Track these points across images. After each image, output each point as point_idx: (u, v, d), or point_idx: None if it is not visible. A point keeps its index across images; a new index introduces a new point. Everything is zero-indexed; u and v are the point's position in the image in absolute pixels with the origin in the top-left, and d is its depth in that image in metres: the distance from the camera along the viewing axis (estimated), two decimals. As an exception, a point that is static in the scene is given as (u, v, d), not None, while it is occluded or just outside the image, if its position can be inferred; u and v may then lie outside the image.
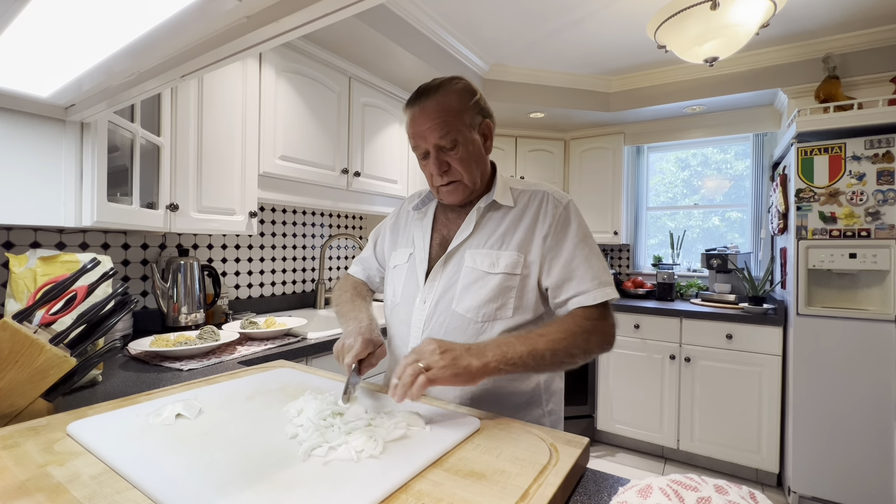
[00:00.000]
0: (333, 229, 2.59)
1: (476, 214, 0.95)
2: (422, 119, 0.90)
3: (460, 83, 0.93)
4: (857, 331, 2.03)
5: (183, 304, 1.65)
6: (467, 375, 0.73)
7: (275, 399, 0.82)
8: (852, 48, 2.31)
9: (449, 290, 0.93)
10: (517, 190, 0.98)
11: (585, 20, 2.19)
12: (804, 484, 2.12)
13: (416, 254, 1.01)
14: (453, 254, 0.95)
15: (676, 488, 0.47)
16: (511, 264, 0.90)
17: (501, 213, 0.95)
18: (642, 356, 2.71)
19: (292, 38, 0.65)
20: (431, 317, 0.93)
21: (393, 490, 0.52)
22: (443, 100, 0.90)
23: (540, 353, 0.78)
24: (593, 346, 0.85)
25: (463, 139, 0.90)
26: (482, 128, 0.95)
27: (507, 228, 0.93)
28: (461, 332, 0.90)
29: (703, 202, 3.32)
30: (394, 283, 1.04)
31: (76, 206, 1.12)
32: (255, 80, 1.72)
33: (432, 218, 1.04)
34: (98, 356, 0.84)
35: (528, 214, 0.93)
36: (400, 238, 1.09)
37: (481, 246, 0.93)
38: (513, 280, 0.90)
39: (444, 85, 0.92)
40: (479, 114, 0.94)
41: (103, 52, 0.75)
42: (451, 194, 0.96)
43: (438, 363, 0.72)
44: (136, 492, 0.52)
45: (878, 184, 2.01)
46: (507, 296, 0.89)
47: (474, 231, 0.95)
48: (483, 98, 0.96)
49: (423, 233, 1.03)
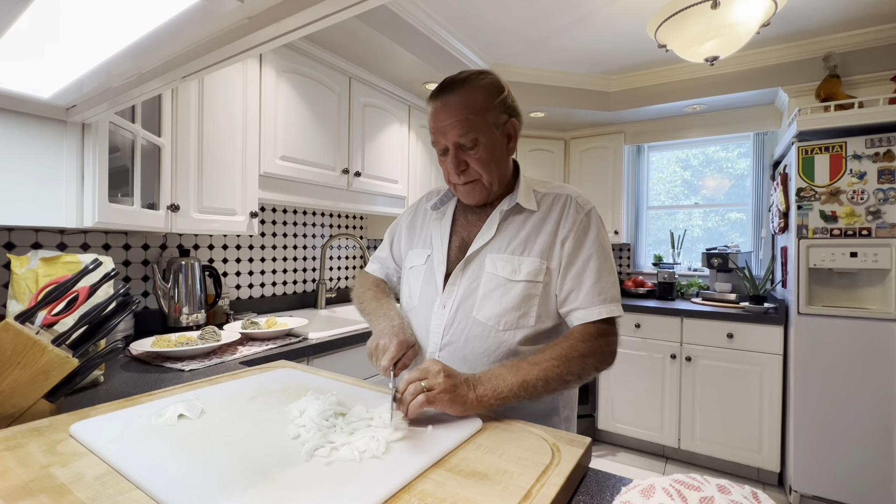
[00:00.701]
0: (334, 229, 2.59)
1: (498, 217, 0.92)
2: (443, 115, 0.87)
3: (487, 78, 0.89)
4: (858, 330, 2.03)
5: (184, 305, 1.65)
6: (462, 405, 0.73)
7: (277, 399, 0.82)
8: (853, 47, 2.30)
9: (470, 297, 0.90)
10: (540, 193, 0.95)
11: (586, 19, 2.19)
12: (805, 483, 2.12)
13: (434, 255, 0.98)
14: (473, 258, 0.92)
15: (679, 488, 0.47)
16: (534, 272, 0.87)
17: (524, 216, 0.93)
18: (643, 355, 2.71)
19: (294, 38, 0.65)
20: (452, 323, 0.91)
21: (396, 490, 0.52)
22: (467, 96, 0.86)
23: (531, 383, 0.77)
24: (589, 368, 0.82)
25: (484, 139, 0.87)
26: (507, 127, 0.91)
27: (529, 233, 0.90)
28: (482, 339, 0.88)
29: (703, 202, 3.32)
30: (410, 284, 1.01)
31: (77, 206, 1.12)
32: (256, 81, 1.72)
33: (451, 219, 1.00)
34: (100, 357, 0.84)
35: (551, 219, 0.90)
36: (417, 237, 1.06)
37: (502, 251, 0.90)
38: (535, 288, 0.87)
39: (469, 79, 0.87)
40: (504, 112, 0.90)
41: (104, 53, 0.75)
42: (470, 194, 0.93)
43: (441, 386, 0.72)
44: (139, 492, 0.52)
45: (878, 182, 2.01)
46: (529, 304, 0.87)
47: (496, 235, 0.92)
48: (511, 95, 0.92)
49: (441, 234, 0.99)
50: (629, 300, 2.92)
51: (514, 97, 0.93)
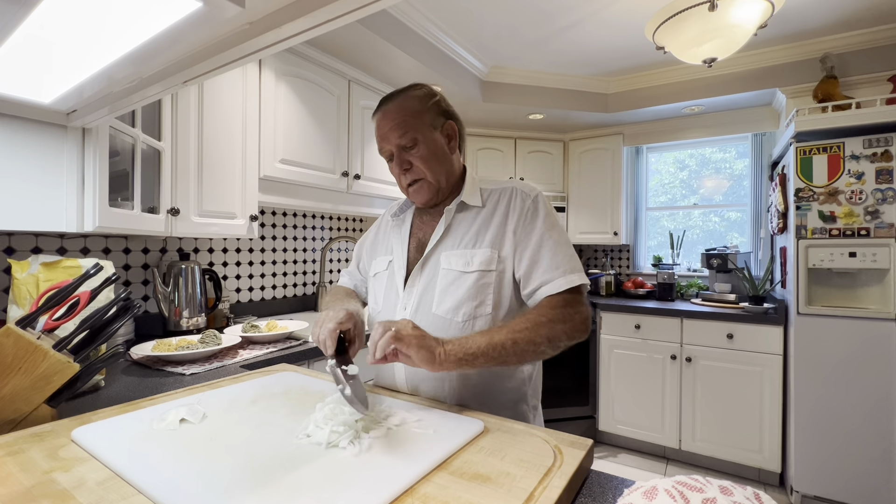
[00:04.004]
0: (334, 232, 2.59)
1: (447, 216, 0.97)
2: (384, 122, 0.95)
3: (420, 89, 0.97)
4: (858, 329, 2.03)
5: (184, 309, 1.65)
6: (429, 352, 0.74)
7: (278, 403, 0.82)
8: (850, 48, 2.31)
9: (427, 294, 0.93)
10: (487, 189, 0.99)
11: (584, 22, 2.20)
12: (806, 483, 2.12)
13: (394, 261, 1.02)
14: (429, 257, 0.96)
15: (682, 489, 0.47)
16: (485, 261, 0.91)
17: (473, 213, 0.97)
18: (643, 356, 2.71)
19: (294, 44, 0.66)
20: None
21: (398, 494, 0.52)
22: (402, 103, 0.94)
23: (500, 343, 0.78)
24: (559, 333, 0.83)
25: (423, 138, 0.93)
26: (445, 128, 0.98)
27: (479, 227, 0.94)
28: (443, 333, 0.89)
29: (702, 202, 3.33)
30: (375, 291, 1.05)
31: (78, 211, 1.12)
32: (255, 85, 1.72)
33: (409, 224, 1.05)
34: (101, 361, 0.84)
35: (499, 211, 0.95)
36: (379, 247, 1.10)
37: (455, 247, 0.94)
38: (488, 277, 0.90)
39: (404, 91, 0.97)
40: (440, 115, 0.97)
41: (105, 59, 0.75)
42: (418, 194, 0.98)
43: (409, 332, 0.74)
44: (141, 497, 0.52)
45: (877, 182, 2.02)
46: (484, 293, 0.90)
47: (447, 232, 0.96)
48: (445, 100, 0.99)
49: (401, 239, 1.03)
50: (629, 301, 2.92)
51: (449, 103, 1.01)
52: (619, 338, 2.80)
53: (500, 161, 3.24)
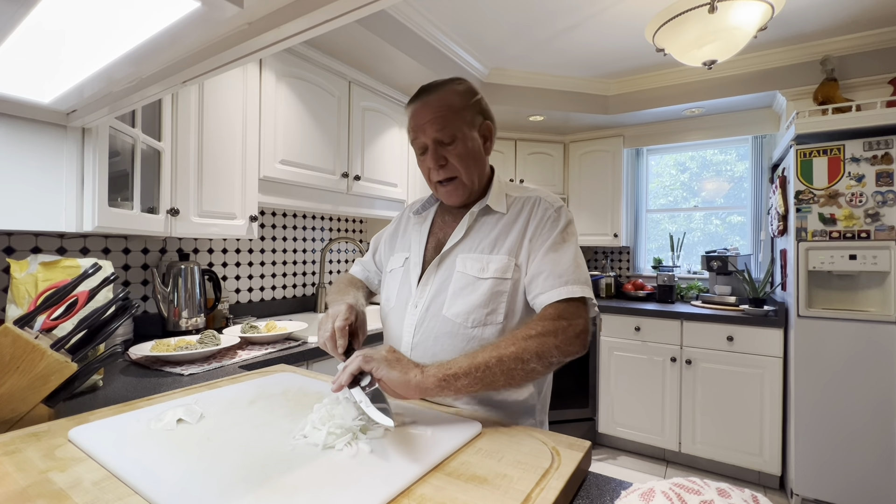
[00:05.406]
0: (334, 233, 2.59)
1: (469, 219, 0.95)
2: (422, 113, 0.91)
3: (462, 84, 0.95)
4: (858, 332, 2.03)
5: (184, 309, 1.65)
6: (401, 373, 0.71)
7: (276, 404, 0.82)
8: (850, 50, 2.32)
9: (439, 295, 0.92)
10: (512, 196, 0.97)
11: (584, 24, 2.20)
12: (807, 486, 2.11)
13: (411, 258, 1.01)
14: (445, 257, 0.94)
15: (679, 492, 0.46)
16: (501, 269, 0.88)
17: (495, 218, 0.95)
18: (643, 358, 2.71)
19: (293, 44, 0.66)
20: (422, 321, 0.92)
21: (395, 495, 0.52)
22: (444, 96, 0.91)
23: (484, 363, 0.74)
24: (549, 349, 0.77)
25: (462, 135, 0.91)
26: (482, 128, 0.96)
27: (499, 233, 0.92)
28: (451, 337, 0.89)
29: (702, 204, 3.32)
30: (388, 287, 1.04)
31: (77, 211, 1.12)
32: (256, 85, 1.72)
33: (430, 222, 1.04)
34: (99, 361, 0.84)
35: (521, 219, 0.93)
36: (398, 242, 1.09)
37: (473, 250, 0.92)
38: (503, 285, 0.88)
39: (446, 84, 0.94)
40: (479, 114, 0.95)
41: (105, 58, 0.75)
42: (451, 194, 0.96)
43: (382, 355, 0.73)
44: (137, 497, 0.52)
45: (877, 185, 2.01)
46: (497, 301, 0.88)
47: (466, 235, 0.95)
48: (484, 100, 0.98)
49: (420, 236, 1.02)
50: (629, 303, 2.92)
51: (487, 103, 0.98)
52: (619, 340, 2.79)
53: (500, 163, 3.24)
